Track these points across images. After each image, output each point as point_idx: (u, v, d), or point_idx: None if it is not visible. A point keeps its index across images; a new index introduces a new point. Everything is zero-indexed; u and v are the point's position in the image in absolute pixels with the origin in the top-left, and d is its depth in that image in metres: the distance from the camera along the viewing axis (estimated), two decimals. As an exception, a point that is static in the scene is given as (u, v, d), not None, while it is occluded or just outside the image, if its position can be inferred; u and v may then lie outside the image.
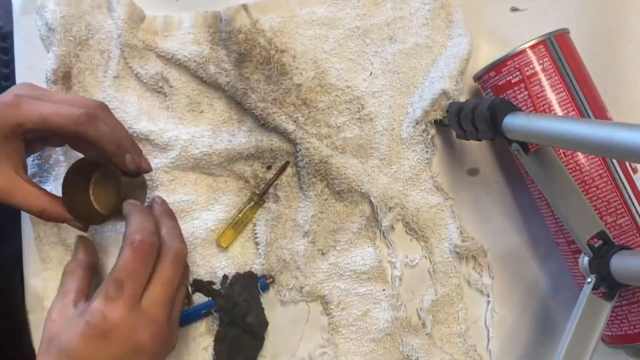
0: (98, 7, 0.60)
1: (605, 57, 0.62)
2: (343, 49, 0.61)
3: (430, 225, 0.60)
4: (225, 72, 0.58)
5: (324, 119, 0.60)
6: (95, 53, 0.60)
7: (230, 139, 0.59)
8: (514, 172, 0.61)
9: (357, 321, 0.58)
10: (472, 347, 0.59)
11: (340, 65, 0.61)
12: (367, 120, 0.60)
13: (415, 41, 0.61)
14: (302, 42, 0.61)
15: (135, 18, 0.60)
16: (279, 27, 0.60)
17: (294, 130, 0.58)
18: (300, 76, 0.60)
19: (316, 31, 0.61)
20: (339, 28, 0.62)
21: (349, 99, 0.60)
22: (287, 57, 0.60)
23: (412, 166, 0.60)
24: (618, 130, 0.35)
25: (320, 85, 0.60)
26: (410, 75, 0.61)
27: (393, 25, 0.62)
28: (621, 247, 0.48)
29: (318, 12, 0.62)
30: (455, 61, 0.58)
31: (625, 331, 0.52)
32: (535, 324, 0.60)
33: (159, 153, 0.60)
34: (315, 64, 0.60)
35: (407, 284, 0.60)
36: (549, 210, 0.55)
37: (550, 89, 0.53)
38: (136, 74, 0.60)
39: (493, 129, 0.48)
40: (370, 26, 0.62)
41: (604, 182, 0.52)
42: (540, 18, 0.63)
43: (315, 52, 0.61)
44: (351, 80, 0.61)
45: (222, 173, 0.60)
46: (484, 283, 0.59)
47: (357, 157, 0.60)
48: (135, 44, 0.59)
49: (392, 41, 0.61)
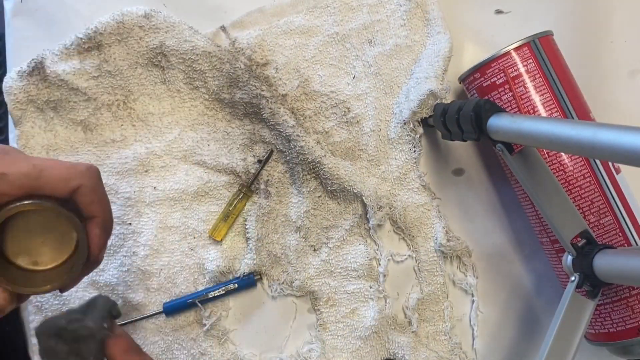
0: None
1: (589, 58, 0.63)
2: (324, 56, 0.62)
3: (416, 225, 0.60)
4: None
5: (312, 126, 0.60)
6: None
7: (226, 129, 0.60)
8: (498, 172, 0.61)
9: (344, 318, 0.59)
10: (458, 345, 0.59)
11: (322, 71, 0.61)
12: (354, 123, 0.61)
13: (394, 42, 0.62)
14: (283, 53, 0.61)
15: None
16: (257, 42, 0.61)
17: (294, 126, 0.58)
18: (285, 86, 0.60)
19: (295, 40, 0.62)
20: (318, 35, 0.62)
21: (334, 104, 0.61)
22: (270, 69, 0.60)
23: (400, 166, 0.60)
24: (601, 131, 0.35)
25: (305, 94, 0.61)
26: (392, 76, 0.61)
27: (371, 29, 0.62)
28: (604, 246, 0.48)
29: (295, 21, 0.62)
30: (438, 60, 0.59)
31: (608, 329, 0.52)
32: (520, 322, 0.60)
33: (153, 138, 0.60)
34: (298, 72, 0.61)
35: (393, 283, 0.60)
36: (533, 209, 0.55)
37: (534, 90, 0.53)
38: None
39: (478, 130, 0.48)
40: (348, 31, 0.62)
41: (588, 182, 0.52)
42: (524, 20, 0.63)
43: (296, 61, 0.61)
44: (335, 85, 0.61)
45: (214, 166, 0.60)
46: (468, 282, 0.60)
47: (347, 160, 0.60)
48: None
49: (371, 44, 0.62)
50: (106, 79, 0.59)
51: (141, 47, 0.59)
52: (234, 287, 0.59)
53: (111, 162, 0.59)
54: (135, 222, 0.59)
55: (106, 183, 0.59)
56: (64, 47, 0.58)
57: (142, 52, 0.59)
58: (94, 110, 0.59)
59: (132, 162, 0.59)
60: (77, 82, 0.58)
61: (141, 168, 0.59)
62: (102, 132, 0.60)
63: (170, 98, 0.60)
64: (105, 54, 0.58)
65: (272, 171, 0.60)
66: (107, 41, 0.58)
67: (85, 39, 0.58)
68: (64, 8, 0.63)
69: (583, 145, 0.37)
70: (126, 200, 0.59)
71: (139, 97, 0.60)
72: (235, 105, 0.60)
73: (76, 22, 0.62)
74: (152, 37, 0.58)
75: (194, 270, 0.59)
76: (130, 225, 0.59)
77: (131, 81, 0.59)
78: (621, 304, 0.51)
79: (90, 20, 0.58)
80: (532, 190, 0.48)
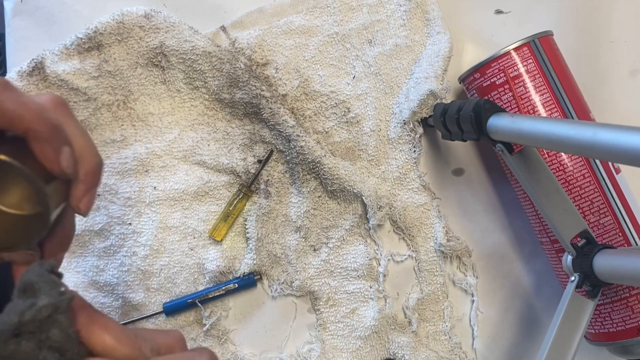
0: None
1: (588, 58, 0.63)
2: (324, 56, 0.62)
3: (416, 225, 0.60)
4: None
5: (312, 126, 0.60)
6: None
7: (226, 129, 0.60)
8: (498, 172, 0.61)
9: (344, 318, 0.59)
10: (458, 344, 0.59)
11: (322, 71, 0.61)
12: (354, 123, 0.61)
13: (394, 42, 0.62)
14: (283, 53, 0.61)
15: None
16: (257, 42, 0.61)
17: (294, 126, 0.58)
18: (285, 86, 0.60)
19: (296, 40, 0.62)
20: (318, 35, 0.62)
21: (334, 104, 0.61)
22: (270, 69, 0.60)
23: (400, 166, 0.60)
24: (601, 131, 0.35)
25: (305, 93, 0.61)
26: (392, 76, 0.61)
27: (371, 29, 0.62)
28: (604, 246, 0.48)
29: (295, 21, 0.62)
30: (438, 60, 0.59)
31: (608, 329, 0.52)
32: (520, 321, 0.60)
33: (153, 138, 0.60)
34: (298, 72, 0.61)
35: (393, 283, 0.60)
36: (533, 209, 0.55)
37: (534, 90, 0.53)
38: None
39: (478, 130, 0.48)
40: (348, 31, 0.62)
41: (587, 182, 0.52)
42: (524, 20, 0.63)
43: (296, 61, 0.61)
44: (335, 85, 0.61)
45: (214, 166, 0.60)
46: (468, 282, 0.60)
47: (347, 160, 0.60)
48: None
49: (371, 44, 0.62)
50: (106, 79, 0.59)
51: (141, 47, 0.59)
52: (234, 287, 0.59)
53: (111, 162, 0.59)
54: (136, 222, 0.59)
55: (106, 183, 0.59)
56: (64, 47, 0.58)
57: (142, 52, 0.59)
58: (94, 110, 0.59)
59: (132, 162, 0.59)
60: (77, 82, 0.58)
61: (141, 168, 0.59)
62: (102, 132, 0.60)
63: (170, 98, 0.60)
64: (106, 54, 0.58)
65: (272, 171, 0.60)
66: (108, 41, 0.58)
67: (86, 39, 0.58)
68: (64, 8, 0.63)
69: (583, 145, 0.37)
70: (126, 200, 0.59)
71: (139, 97, 0.60)
72: (235, 105, 0.60)
73: (76, 22, 0.62)
74: (152, 37, 0.58)
75: (194, 270, 0.59)
76: (130, 225, 0.59)
77: (131, 81, 0.59)
78: (621, 304, 0.51)
79: (90, 20, 0.58)
80: (532, 190, 0.48)
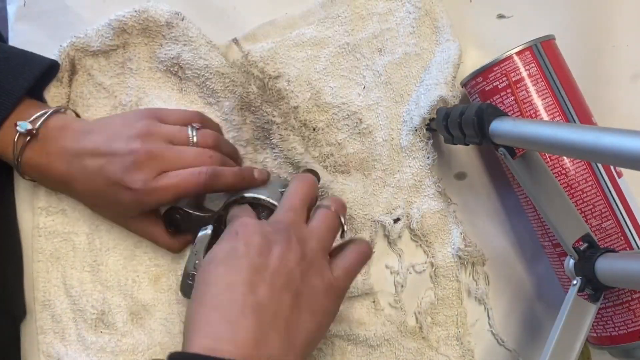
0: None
1: (591, 62, 0.63)
2: (335, 67, 0.62)
3: (434, 231, 0.59)
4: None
5: (325, 138, 0.60)
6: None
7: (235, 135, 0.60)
8: (500, 176, 0.61)
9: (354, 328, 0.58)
10: (470, 351, 0.58)
11: (334, 83, 0.61)
12: (367, 133, 0.60)
13: (404, 50, 0.61)
14: (295, 65, 0.61)
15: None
16: (269, 55, 0.60)
17: (303, 153, 0.58)
18: (297, 98, 0.60)
19: (307, 52, 0.62)
20: (329, 46, 0.62)
21: (346, 115, 0.61)
22: (282, 82, 0.60)
23: (415, 173, 0.60)
24: (603, 135, 0.36)
25: (316, 105, 0.60)
26: (402, 84, 0.61)
27: (381, 37, 0.62)
28: (606, 249, 0.48)
29: (307, 33, 0.62)
30: (448, 67, 0.59)
31: (610, 332, 0.52)
32: (521, 325, 0.60)
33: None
34: (309, 84, 0.61)
35: (407, 290, 0.59)
36: (535, 213, 0.55)
37: (537, 95, 0.53)
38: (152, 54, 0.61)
39: (480, 134, 0.48)
40: (359, 41, 0.62)
41: (589, 186, 0.52)
42: (526, 25, 0.63)
43: (308, 73, 0.61)
44: (346, 97, 0.61)
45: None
46: (480, 291, 0.60)
47: (360, 172, 0.60)
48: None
49: (381, 53, 0.62)
50: (128, 78, 0.59)
51: (161, 54, 0.59)
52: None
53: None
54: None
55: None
56: (87, 44, 0.59)
57: (162, 59, 0.59)
58: (110, 110, 0.60)
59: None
60: (102, 79, 0.59)
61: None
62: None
63: (184, 107, 0.60)
64: (130, 52, 0.59)
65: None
66: (134, 41, 0.59)
67: (114, 37, 0.59)
68: (67, 12, 0.62)
69: (585, 149, 0.37)
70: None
71: (152, 99, 0.60)
72: (242, 129, 0.60)
73: (79, 27, 0.62)
74: (171, 47, 0.59)
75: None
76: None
77: (150, 83, 0.60)
78: (623, 307, 0.51)
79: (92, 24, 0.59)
80: (534, 193, 0.48)
